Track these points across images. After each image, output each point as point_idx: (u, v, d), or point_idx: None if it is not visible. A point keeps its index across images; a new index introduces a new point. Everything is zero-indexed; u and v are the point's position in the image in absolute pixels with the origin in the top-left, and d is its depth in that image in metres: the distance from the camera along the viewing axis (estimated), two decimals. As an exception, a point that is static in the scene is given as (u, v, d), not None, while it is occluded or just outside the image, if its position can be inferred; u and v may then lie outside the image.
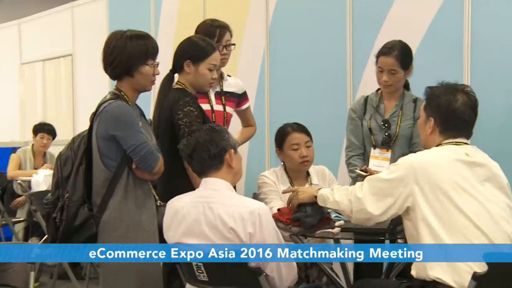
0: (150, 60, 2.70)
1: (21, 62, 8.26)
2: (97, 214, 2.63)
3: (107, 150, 2.63)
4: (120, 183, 2.63)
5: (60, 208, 2.64)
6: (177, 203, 2.55)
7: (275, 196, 3.18)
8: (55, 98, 7.72)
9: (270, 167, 4.24)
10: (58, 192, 2.68)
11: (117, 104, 2.62)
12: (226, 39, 3.39)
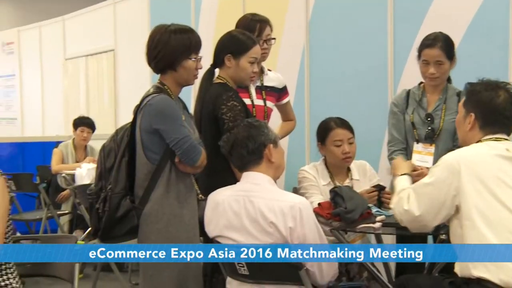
0: (193, 54, 2.72)
1: (65, 58, 8.40)
2: (139, 206, 2.67)
3: (150, 143, 2.66)
4: (162, 177, 2.66)
5: (102, 199, 2.68)
6: (218, 196, 2.57)
7: (316, 191, 3.18)
8: (97, 93, 7.84)
9: (310, 161, 4.23)
10: (101, 183, 2.72)
11: (160, 98, 2.65)
12: (267, 34, 3.39)
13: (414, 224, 2.43)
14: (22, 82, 9.45)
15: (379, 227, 2.73)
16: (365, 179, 3.27)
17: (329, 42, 4.73)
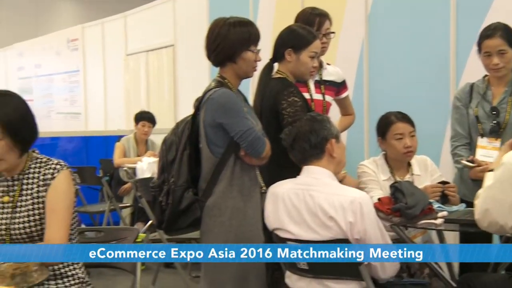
0: (253, 46, 2.74)
1: (126, 54, 8.58)
2: (202, 198, 2.71)
3: (214, 137, 2.69)
4: (226, 170, 2.69)
5: (166, 192, 2.72)
6: (278, 189, 2.58)
7: (375, 186, 3.14)
8: (158, 88, 7.97)
9: (369, 156, 4.19)
10: (164, 176, 2.76)
11: (222, 92, 2.68)
12: (326, 28, 3.37)
13: (492, 228, 2.37)
14: (86, 77, 9.70)
15: (441, 223, 2.68)
16: (426, 175, 3.21)
17: (389, 35, 4.67)
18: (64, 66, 10.30)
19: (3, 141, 2.22)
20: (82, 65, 9.75)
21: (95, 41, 9.36)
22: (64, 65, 10.31)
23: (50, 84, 10.94)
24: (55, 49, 10.58)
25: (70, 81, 10.18)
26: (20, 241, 2.28)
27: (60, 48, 10.40)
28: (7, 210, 2.31)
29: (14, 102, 2.29)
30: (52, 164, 2.33)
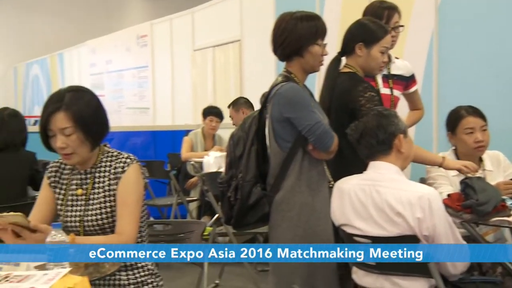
0: (319, 40, 2.72)
1: (194, 49, 8.67)
2: (270, 193, 2.71)
3: (282, 131, 2.69)
4: (294, 165, 2.69)
5: (234, 187, 2.74)
6: (344, 185, 2.56)
7: (444, 181, 3.07)
8: (224, 83, 8.02)
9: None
10: (232, 171, 2.78)
11: (289, 86, 2.68)
12: (395, 21, 3.31)
13: None
14: (154, 73, 9.87)
15: (514, 220, 2.60)
16: (498, 170, 3.12)
17: (460, 26, 4.53)
18: (134, 62, 10.51)
19: (75, 135, 2.28)
20: (150, 60, 9.93)
21: (163, 37, 9.51)
22: (133, 61, 10.52)
23: (120, 79, 11.19)
24: (125, 46, 10.82)
25: (139, 76, 10.38)
26: (93, 232, 2.34)
27: (130, 44, 10.62)
28: (81, 202, 2.37)
29: (87, 98, 2.35)
30: (122, 158, 2.38)
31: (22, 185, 3.64)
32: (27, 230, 2.08)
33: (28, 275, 1.84)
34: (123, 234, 2.27)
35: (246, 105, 5.71)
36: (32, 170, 3.62)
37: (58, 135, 2.28)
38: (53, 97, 2.33)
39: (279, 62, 2.86)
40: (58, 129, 2.28)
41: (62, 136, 2.28)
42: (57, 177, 2.44)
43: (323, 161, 2.77)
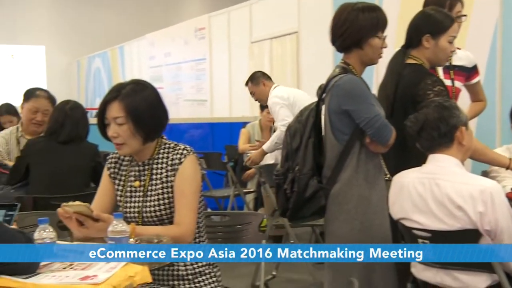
0: (380, 33, 2.69)
1: (251, 41, 8.69)
2: (326, 186, 2.70)
3: (340, 124, 2.67)
4: (351, 157, 2.67)
5: (290, 180, 2.74)
6: (403, 178, 2.53)
7: (508, 174, 2.99)
8: (281, 75, 8.01)
9: (501, 144, 3.98)
10: (288, 164, 2.78)
11: (347, 79, 2.66)
12: (457, 10, 3.23)
13: None
14: (212, 65, 9.94)
15: None
16: None
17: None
18: (192, 55, 10.61)
19: (126, 126, 2.32)
20: (208, 53, 10.00)
21: (221, 30, 9.57)
22: (191, 54, 10.63)
23: (179, 72, 11.33)
24: (184, 38, 10.94)
25: (197, 69, 10.48)
26: (152, 224, 2.38)
27: (188, 37, 10.73)
28: (139, 194, 2.42)
29: (146, 92, 2.38)
30: (179, 149, 2.41)
31: (85, 176, 3.74)
32: (90, 220, 2.14)
33: (91, 263, 1.89)
34: (181, 225, 2.30)
35: (264, 77, 5.63)
36: (95, 162, 3.70)
37: (111, 124, 2.34)
38: (114, 87, 2.39)
39: (336, 54, 2.83)
40: (112, 118, 2.33)
41: (114, 125, 2.33)
42: (116, 169, 2.50)
43: (379, 154, 2.74)
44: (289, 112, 5.06)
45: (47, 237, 1.97)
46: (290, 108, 5.14)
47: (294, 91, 5.52)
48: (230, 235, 2.84)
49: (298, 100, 5.20)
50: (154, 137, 2.41)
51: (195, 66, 10.56)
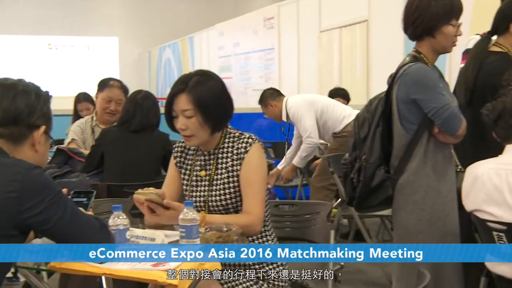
0: (454, 20, 2.62)
1: (320, 30, 8.63)
2: (393, 176, 2.67)
3: (408, 113, 2.63)
4: (419, 147, 2.62)
5: (357, 169, 2.72)
6: (477, 169, 2.46)
7: None
8: (350, 64, 7.94)
9: None
10: (355, 153, 2.76)
11: (417, 67, 2.60)
12: None
13: None
14: (281, 55, 9.94)
15: None
16: None
17: None
18: (260, 44, 10.64)
19: (195, 118, 2.35)
20: (277, 43, 10.00)
21: (290, 19, 9.54)
22: (260, 43, 10.65)
23: (247, 62, 11.38)
24: (253, 28, 10.97)
25: (266, 58, 10.49)
26: (217, 213, 2.41)
27: (257, 27, 10.76)
28: (205, 183, 2.45)
29: (211, 83, 2.41)
30: (244, 138, 2.42)
31: (156, 164, 3.82)
32: (161, 207, 2.19)
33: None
34: (251, 214, 2.32)
35: (271, 97, 5.64)
36: (165, 150, 3.77)
37: (179, 116, 2.37)
38: (180, 79, 2.42)
39: (408, 43, 2.78)
40: (180, 111, 2.36)
41: (182, 118, 2.36)
42: (183, 158, 2.54)
43: (450, 145, 2.68)
44: (312, 120, 5.14)
45: (121, 224, 2.03)
46: (310, 108, 5.18)
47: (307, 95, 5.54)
48: (298, 225, 2.85)
49: (314, 96, 5.41)
50: (221, 127, 2.43)
51: (263, 56, 10.59)
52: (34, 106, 1.88)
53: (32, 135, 1.89)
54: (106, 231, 1.93)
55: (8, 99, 1.84)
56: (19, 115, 1.85)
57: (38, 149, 1.90)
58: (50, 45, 17.43)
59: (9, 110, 1.84)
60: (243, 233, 2.19)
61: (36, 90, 1.92)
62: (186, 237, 2.03)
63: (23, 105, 1.86)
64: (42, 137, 1.91)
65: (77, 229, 1.84)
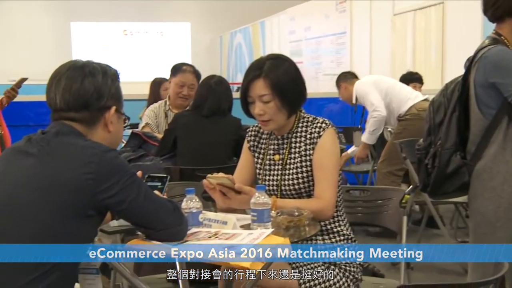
0: None
1: (393, 13, 8.47)
2: (470, 162, 2.60)
3: (486, 98, 2.54)
4: (497, 133, 2.53)
5: (432, 154, 2.66)
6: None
7: None
8: (424, 48, 7.76)
9: None
10: (430, 138, 2.70)
11: (496, 50, 2.51)
12: None
13: None
14: (352, 39, 9.82)
15: None
16: None
17: None
18: (332, 29, 10.53)
19: (273, 102, 2.35)
20: (349, 26, 9.88)
21: (362, 2, 9.39)
22: (331, 28, 10.55)
23: (318, 46, 11.29)
24: (324, 12, 10.87)
25: (337, 43, 10.39)
26: (289, 197, 2.42)
27: (328, 11, 10.65)
28: (278, 167, 2.46)
29: (285, 66, 2.41)
30: (318, 123, 2.41)
31: (228, 149, 3.86)
32: (232, 191, 2.21)
33: (235, 233, 1.96)
34: (322, 199, 2.31)
35: (344, 79, 5.70)
36: (237, 135, 3.81)
37: (256, 101, 2.38)
38: (254, 65, 2.42)
39: (486, 25, 2.69)
40: (257, 96, 2.37)
41: (260, 103, 2.37)
42: (256, 142, 2.55)
43: None
44: (376, 95, 5.19)
45: (194, 207, 2.07)
46: (374, 86, 5.25)
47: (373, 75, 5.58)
48: (369, 210, 2.83)
49: (380, 76, 5.51)
50: (297, 110, 2.43)
51: (335, 40, 10.48)
52: (102, 88, 1.90)
53: (104, 116, 1.92)
54: (179, 213, 1.96)
55: (77, 84, 1.88)
56: (89, 100, 1.88)
57: (111, 129, 1.94)
58: (125, 31, 17.83)
59: (79, 94, 1.88)
60: (314, 218, 2.19)
61: (103, 70, 1.93)
62: (258, 221, 2.04)
63: (91, 89, 1.88)
64: (114, 116, 1.95)
65: (151, 211, 1.88)
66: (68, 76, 1.89)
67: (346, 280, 2.36)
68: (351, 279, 2.37)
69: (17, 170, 1.80)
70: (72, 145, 1.81)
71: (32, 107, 6.48)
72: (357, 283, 2.40)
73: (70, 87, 1.87)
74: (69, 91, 1.87)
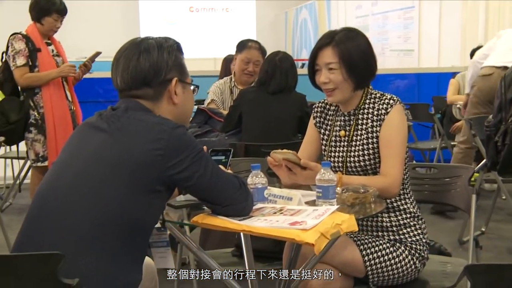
0: None
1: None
2: None
3: None
4: None
5: (503, 132, 2.59)
6: None
7: None
8: (498, 22, 7.49)
9: None
10: (501, 115, 2.63)
11: None
12: None
13: None
14: (421, 14, 9.57)
15: None
16: None
17: None
18: (400, 3, 10.29)
19: (339, 71, 2.33)
20: (417, 1, 9.64)
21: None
22: (399, 2, 10.31)
23: (385, 21, 11.07)
24: (392, -14, 10.65)
25: (405, 17, 10.16)
26: (355, 173, 2.40)
27: (396, -16, 10.43)
28: (344, 144, 2.44)
29: (358, 40, 2.38)
30: (385, 99, 2.38)
31: (292, 125, 3.85)
32: (298, 167, 2.21)
33: (300, 210, 1.97)
34: (388, 176, 2.28)
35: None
36: (302, 112, 3.80)
37: (323, 69, 2.36)
38: (326, 34, 2.41)
39: None
40: (324, 64, 2.35)
41: (326, 71, 2.35)
42: (322, 118, 2.54)
43: None
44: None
45: (259, 182, 2.09)
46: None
47: None
48: (437, 188, 2.78)
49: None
50: (364, 85, 2.40)
51: (402, 15, 10.25)
52: (158, 64, 1.91)
53: (167, 90, 1.94)
54: (245, 189, 1.98)
55: (133, 62, 1.90)
56: (147, 77, 1.90)
57: (177, 101, 1.96)
58: (191, 8, 17.95)
59: (136, 72, 1.90)
60: (380, 195, 2.17)
61: (159, 45, 1.93)
62: (323, 198, 2.04)
63: (147, 65, 1.90)
64: (177, 87, 1.96)
65: (218, 186, 1.90)
66: (126, 56, 1.92)
67: (412, 257, 2.33)
68: (417, 257, 2.34)
69: (90, 145, 1.86)
70: (141, 121, 1.85)
71: (101, 83, 6.63)
72: (423, 261, 2.37)
73: (128, 67, 1.90)
74: (126, 71, 1.91)
